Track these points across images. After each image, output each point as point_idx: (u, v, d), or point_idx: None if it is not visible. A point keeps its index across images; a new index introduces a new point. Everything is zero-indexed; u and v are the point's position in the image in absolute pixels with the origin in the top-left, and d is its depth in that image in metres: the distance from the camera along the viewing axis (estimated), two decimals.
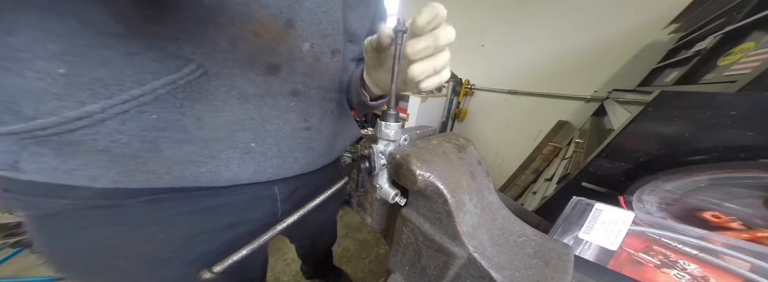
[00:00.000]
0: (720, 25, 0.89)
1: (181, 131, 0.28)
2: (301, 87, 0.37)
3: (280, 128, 0.37)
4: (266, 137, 0.36)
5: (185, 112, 0.28)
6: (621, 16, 1.51)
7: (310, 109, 0.40)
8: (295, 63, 0.35)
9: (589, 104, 1.74)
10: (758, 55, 0.57)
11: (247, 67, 0.30)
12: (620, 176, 0.54)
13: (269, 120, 0.35)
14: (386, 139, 0.29)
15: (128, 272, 0.35)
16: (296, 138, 0.39)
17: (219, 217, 0.40)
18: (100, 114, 0.23)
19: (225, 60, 0.28)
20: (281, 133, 0.37)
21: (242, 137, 0.33)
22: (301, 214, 0.35)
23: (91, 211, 0.29)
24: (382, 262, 1.33)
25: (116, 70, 0.23)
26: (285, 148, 0.38)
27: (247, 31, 0.28)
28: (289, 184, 0.47)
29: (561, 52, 1.83)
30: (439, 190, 0.26)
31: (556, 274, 0.26)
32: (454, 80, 2.34)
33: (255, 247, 0.32)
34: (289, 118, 0.37)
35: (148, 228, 0.33)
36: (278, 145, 0.37)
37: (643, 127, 0.50)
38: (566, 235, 0.39)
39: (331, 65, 0.40)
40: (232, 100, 0.30)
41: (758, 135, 0.39)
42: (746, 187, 0.38)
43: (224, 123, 0.31)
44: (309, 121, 0.40)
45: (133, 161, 0.26)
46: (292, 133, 0.39)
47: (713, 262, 0.31)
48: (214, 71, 0.28)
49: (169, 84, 0.25)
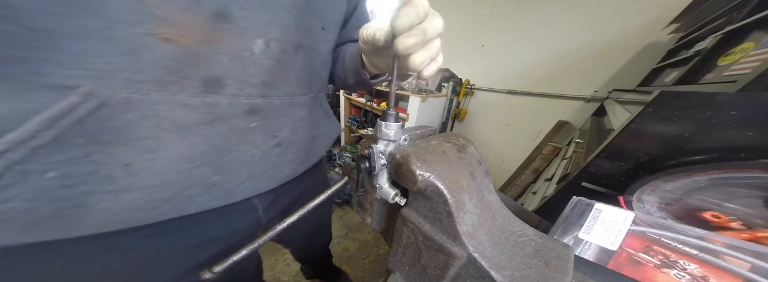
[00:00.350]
0: (720, 25, 0.89)
1: (107, 182, 0.22)
2: (260, 102, 0.30)
3: (246, 154, 0.31)
4: (230, 167, 0.30)
5: (100, 161, 0.21)
6: (621, 16, 1.51)
7: (277, 123, 0.34)
8: (246, 71, 0.27)
9: (589, 104, 1.74)
10: (758, 55, 0.57)
11: (172, 87, 0.23)
12: (620, 176, 0.54)
13: (229, 149, 0.29)
14: (386, 139, 0.29)
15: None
16: (268, 158, 0.35)
17: (190, 236, 0.35)
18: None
19: (129, 82, 0.21)
20: (248, 159, 0.32)
21: (199, 174, 0.28)
22: (301, 214, 0.35)
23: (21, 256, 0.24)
24: (382, 262, 1.33)
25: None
26: (257, 171, 0.34)
27: (151, 37, 0.20)
28: (269, 195, 0.43)
29: (561, 52, 1.83)
30: (439, 190, 0.26)
31: (556, 274, 0.26)
32: (454, 80, 2.34)
33: (255, 248, 0.32)
34: (254, 139, 0.32)
35: (99, 260, 0.28)
36: (248, 171, 0.33)
37: (643, 127, 0.50)
38: (566, 235, 0.39)
39: (296, 64, 0.33)
40: (166, 135, 0.24)
41: (758, 135, 0.39)
42: (746, 187, 0.38)
43: (167, 165, 0.25)
44: (278, 136, 0.35)
45: (59, 220, 0.22)
46: (262, 155, 0.34)
47: (713, 262, 0.31)
48: (120, 99, 0.21)
49: (46, 128, 0.18)
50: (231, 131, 0.29)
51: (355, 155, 0.51)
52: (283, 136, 0.35)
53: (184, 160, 0.26)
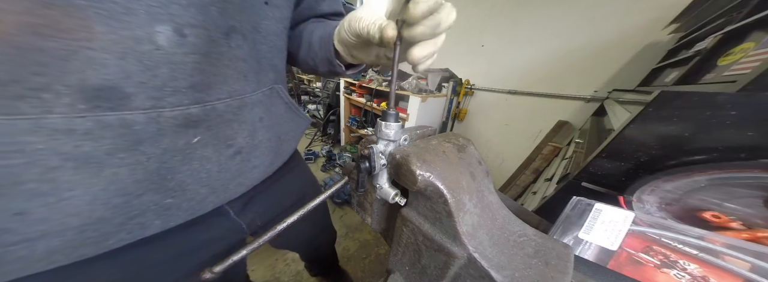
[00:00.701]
0: (720, 25, 0.89)
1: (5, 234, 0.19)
2: (196, 110, 0.24)
3: (199, 170, 0.27)
4: (184, 187, 0.26)
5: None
6: (621, 16, 1.51)
7: (228, 130, 0.29)
8: (157, 73, 0.20)
9: (589, 104, 1.75)
10: (758, 55, 0.57)
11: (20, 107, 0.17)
12: (620, 176, 0.54)
13: (173, 170, 0.25)
14: (386, 139, 0.29)
15: None
16: (228, 170, 0.31)
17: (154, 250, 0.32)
18: None
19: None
20: (204, 175, 0.28)
21: (146, 201, 0.24)
22: (301, 213, 0.35)
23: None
24: (382, 262, 1.33)
25: None
26: (219, 184, 0.30)
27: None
28: (238, 200, 0.39)
29: (561, 52, 1.83)
30: (439, 190, 0.26)
31: (556, 274, 0.26)
32: (454, 80, 2.34)
33: (255, 248, 0.32)
34: (204, 154, 0.27)
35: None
36: (208, 186, 0.29)
37: (643, 127, 0.50)
38: (566, 235, 0.39)
39: (234, 55, 0.26)
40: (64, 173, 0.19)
41: (758, 135, 0.39)
42: (746, 187, 0.38)
43: (87, 203, 0.21)
44: (235, 144, 0.30)
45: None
46: (220, 168, 0.29)
47: (713, 262, 0.31)
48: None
49: None
50: (166, 152, 0.23)
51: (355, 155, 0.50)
52: (240, 143, 0.30)
53: (111, 195, 0.22)
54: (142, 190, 0.24)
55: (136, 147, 0.22)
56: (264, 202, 0.46)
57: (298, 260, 1.28)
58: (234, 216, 0.41)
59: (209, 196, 0.30)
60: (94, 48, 0.18)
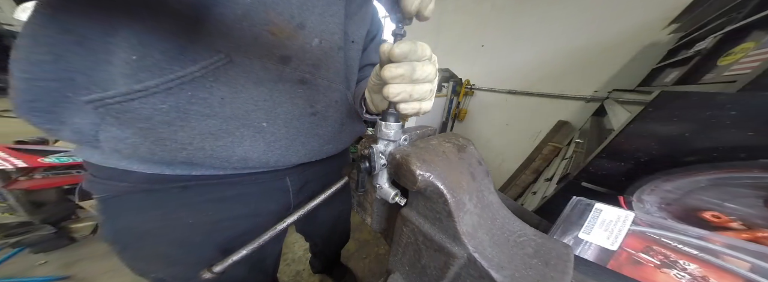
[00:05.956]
0: (720, 25, 0.89)
1: (208, 107, 0.33)
2: (308, 76, 0.41)
3: (289, 111, 0.41)
4: (276, 118, 0.40)
5: (213, 92, 0.33)
6: (621, 16, 1.51)
7: (316, 96, 0.44)
8: (305, 56, 0.40)
9: (589, 104, 1.75)
10: (758, 55, 0.57)
11: (264, 58, 0.36)
12: (620, 176, 0.54)
13: (279, 103, 0.39)
14: (386, 139, 0.29)
15: (168, 256, 0.41)
16: (303, 122, 0.43)
17: (238, 206, 0.45)
18: (154, 89, 0.29)
19: (247, 52, 0.34)
20: (290, 116, 0.41)
21: (256, 116, 0.37)
22: (301, 213, 0.36)
23: (140, 194, 0.37)
24: (382, 262, 1.33)
25: (170, 57, 0.29)
26: (293, 131, 0.42)
27: (266, 31, 0.34)
28: (300, 176, 0.52)
29: (561, 53, 1.83)
30: (439, 190, 0.26)
31: (556, 274, 0.26)
32: (454, 80, 2.34)
33: (255, 247, 0.32)
34: (297, 103, 0.41)
35: (179, 212, 0.40)
36: (287, 127, 0.41)
37: (643, 127, 0.50)
38: (566, 235, 0.39)
39: (336, 59, 0.45)
40: (249, 84, 0.35)
41: (758, 135, 0.39)
42: (746, 187, 0.38)
43: (242, 103, 0.36)
44: (315, 107, 0.44)
45: (168, 129, 0.32)
46: (300, 117, 0.43)
47: (713, 262, 0.31)
48: (238, 60, 0.33)
49: (204, 68, 0.31)
50: (285, 91, 0.39)
51: (355, 155, 0.51)
52: (318, 108, 0.45)
53: (251, 102, 0.36)
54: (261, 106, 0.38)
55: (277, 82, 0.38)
56: (312, 192, 0.57)
57: (299, 260, 1.28)
58: (291, 195, 0.52)
59: (281, 139, 0.41)
60: (295, 44, 0.37)
